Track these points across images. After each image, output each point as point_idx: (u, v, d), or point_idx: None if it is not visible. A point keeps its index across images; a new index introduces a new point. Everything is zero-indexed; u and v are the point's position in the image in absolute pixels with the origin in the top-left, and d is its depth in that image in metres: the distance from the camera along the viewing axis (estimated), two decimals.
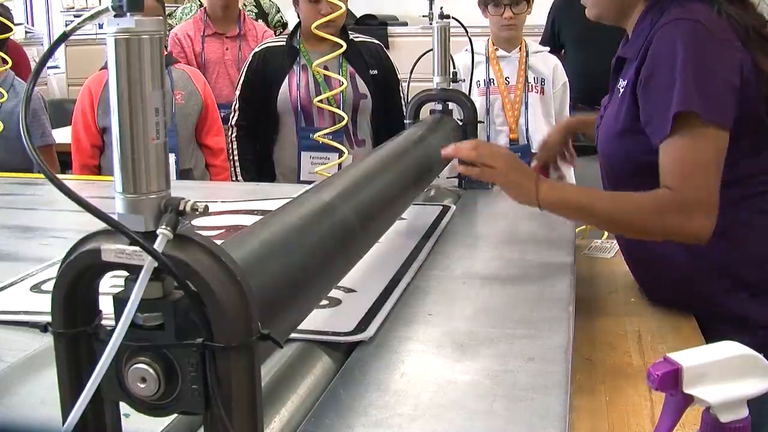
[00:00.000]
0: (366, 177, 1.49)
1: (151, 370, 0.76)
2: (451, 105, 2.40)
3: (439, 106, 2.33)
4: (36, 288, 1.55)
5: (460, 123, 2.32)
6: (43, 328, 0.80)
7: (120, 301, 0.75)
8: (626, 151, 1.64)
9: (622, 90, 1.67)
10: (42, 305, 1.39)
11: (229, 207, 2.17)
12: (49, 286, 1.50)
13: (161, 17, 3.13)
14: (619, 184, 1.70)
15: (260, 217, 1.99)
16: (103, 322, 0.81)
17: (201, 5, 4.20)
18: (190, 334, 0.77)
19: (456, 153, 1.74)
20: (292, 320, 1.04)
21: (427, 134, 1.99)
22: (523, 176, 1.64)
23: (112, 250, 0.75)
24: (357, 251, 1.32)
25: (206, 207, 0.75)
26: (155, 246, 0.72)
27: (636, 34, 1.69)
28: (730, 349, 0.89)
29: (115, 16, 0.73)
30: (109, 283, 0.81)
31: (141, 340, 0.77)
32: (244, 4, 4.70)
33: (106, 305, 0.82)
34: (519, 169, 1.66)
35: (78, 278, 0.77)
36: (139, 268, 0.73)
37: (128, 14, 0.72)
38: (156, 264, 0.73)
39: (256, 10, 4.76)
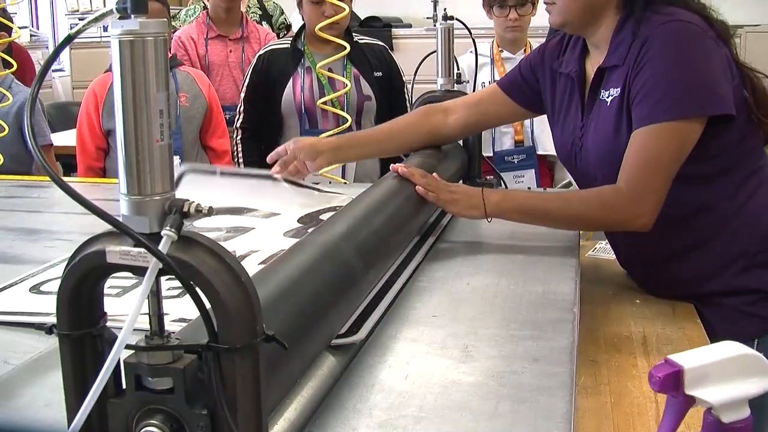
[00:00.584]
0: (368, 216, 1.51)
1: None
2: None
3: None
4: (35, 289, 1.55)
5: None
6: (48, 329, 0.80)
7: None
8: None
9: (611, 99, 1.69)
10: (41, 306, 1.40)
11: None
12: (49, 287, 1.51)
13: (165, 19, 3.14)
14: None
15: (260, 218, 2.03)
16: (108, 323, 0.82)
17: (205, 7, 4.21)
18: (199, 396, 0.78)
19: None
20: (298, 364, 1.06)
21: (435, 163, 1.98)
22: (470, 190, 1.75)
23: (116, 251, 0.75)
24: (360, 293, 1.33)
25: (210, 208, 0.75)
26: (160, 247, 0.72)
27: (615, 44, 1.70)
28: (730, 349, 0.89)
29: (119, 18, 0.73)
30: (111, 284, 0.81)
31: (151, 402, 0.78)
32: (248, 6, 4.71)
33: (111, 307, 0.82)
34: (463, 186, 1.79)
35: (83, 280, 0.78)
36: (144, 269, 0.74)
37: (132, 16, 0.73)
38: (161, 265, 0.73)
39: (260, 12, 4.77)
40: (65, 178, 0.84)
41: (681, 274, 1.75)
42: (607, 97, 1.70)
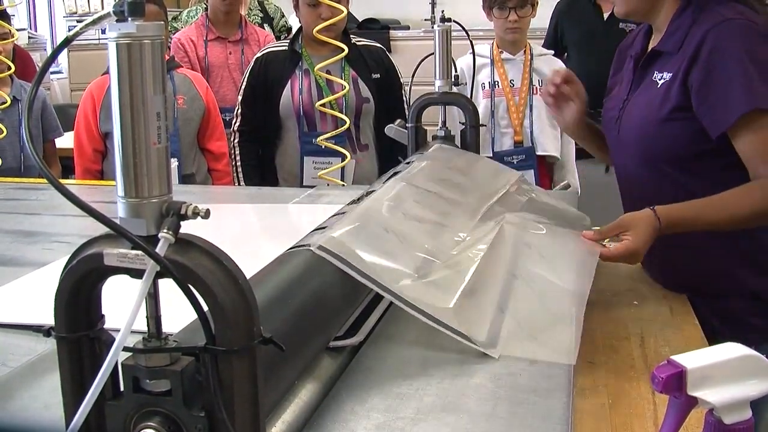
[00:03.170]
0: None
1: None
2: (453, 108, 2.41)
3: (441, 111, 2.34)
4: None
5: (462, 125, 2.32)
6: (46, 332, 0.80)
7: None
8: (674, 135, 1.73)
9: (662, 82, 1.75)
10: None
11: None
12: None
13: (162, 22, 3.14)
14: (658, 168, 1.78)
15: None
16: (106, 325, 0.82)
17: (206, 9, 4.21)
18: (196, 398, 0.78)
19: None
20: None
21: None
22: (643, 223, 1.64)
23: (114, 254, 0.75)
24: (358, 294, 1.33)
25: (207, 211, 0.75)
26: (157, 250, 0.73)
27: (672, 28, 1.77)
28: (732, 350, 0.89)
29: (116, 21, 0.73)
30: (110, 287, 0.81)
31: (149, 404, 0.78)
32: (250, 9, 4.71)
33: (108, 309, 0.82)
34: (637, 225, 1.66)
35: (80, 282, 0.78)
36: (142, 272, 0.74)
37: (129, 19, 0.73)
38: (158, 268, 0.73)
39: (261, 15, 4.77)
40: (63, 181, 0.85)
41: (700, 266, 1.79)
42: (659, 80, 1.76)
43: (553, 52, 3.65)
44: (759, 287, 1.78)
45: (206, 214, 0.75)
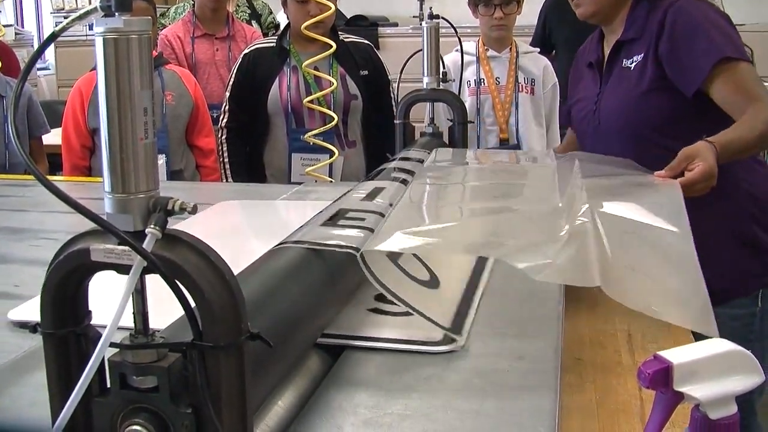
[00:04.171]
0: None
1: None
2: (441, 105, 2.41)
3: (428, 107, 2.34)
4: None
5: (450, 122, 2.33)
6: (33, 328, 0.80)
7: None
8: (655, 106, 1.94)
9: (634, 64, 1.97)
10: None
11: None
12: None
13: (150, 17, 3.13)
14: (644, 139, 1.97)
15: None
16: (93, 322, 0.81)
17: (193, 5, 4.20)
18: (183, 395, 0.78)
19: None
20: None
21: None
22: (704, 148, 1.73)
23: (101, 249, 0.75)
24: (348, 290, 1.33)
25: (195, 206, 0.75)
26: (144, 245, 0.72)
27: (631, 21, 2.00)
28: (718, 346, 0.90)
29: (103, 16, 0.73)
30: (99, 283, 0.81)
31: (136, 401, 0.78)
32: (238, 6, 4.70)
33: (95, 305, 0.82)
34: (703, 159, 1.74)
35: (67, 278, 0.77)
36: (129, 267, 0.74)
37: (117, 14, 0.72)
38: (145, 263, 0.73)
39: (249, 11, 4.76)
40: (50, 177, 0.85)
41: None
42: (631, 64, 1.98)
43: (538, 49, 3.65)
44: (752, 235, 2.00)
45: (193, 210, 0.75)
